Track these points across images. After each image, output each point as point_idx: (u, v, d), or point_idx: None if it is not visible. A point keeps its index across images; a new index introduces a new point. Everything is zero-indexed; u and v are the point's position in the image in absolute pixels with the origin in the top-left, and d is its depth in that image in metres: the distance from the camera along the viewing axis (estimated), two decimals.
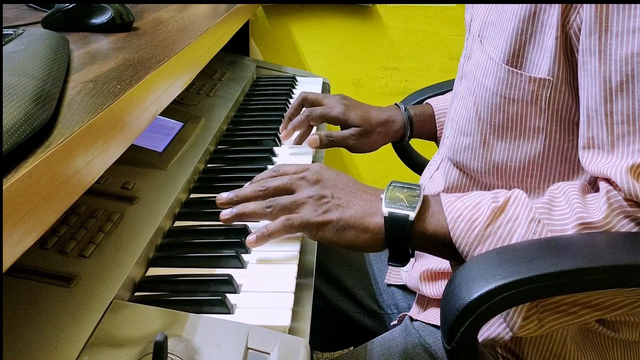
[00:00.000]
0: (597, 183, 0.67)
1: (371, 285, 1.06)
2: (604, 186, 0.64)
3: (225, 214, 0.74)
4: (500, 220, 0.66)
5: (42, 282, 0.60)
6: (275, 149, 1.06)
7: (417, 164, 1.23)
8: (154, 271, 0.70)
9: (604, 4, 0.62)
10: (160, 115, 0.88)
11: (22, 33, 0.76)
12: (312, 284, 0.72)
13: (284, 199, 0.73)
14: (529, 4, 0.70)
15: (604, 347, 0.75)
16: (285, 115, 1.09)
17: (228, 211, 0.74)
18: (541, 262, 0.58)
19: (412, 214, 0.68)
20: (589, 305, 0.63)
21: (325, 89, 1.50)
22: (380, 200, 0.71)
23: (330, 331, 1.09)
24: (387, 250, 0.71)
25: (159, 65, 0.73)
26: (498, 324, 0.74)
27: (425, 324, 0.87)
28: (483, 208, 0.67)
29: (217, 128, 1.09)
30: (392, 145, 1.20)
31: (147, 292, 0.67)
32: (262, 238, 0.71)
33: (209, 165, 1.00)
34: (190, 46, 0.88)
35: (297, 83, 1.50)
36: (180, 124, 1.04)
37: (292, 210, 0.72)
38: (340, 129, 1.05)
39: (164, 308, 0.60)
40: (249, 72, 1.48)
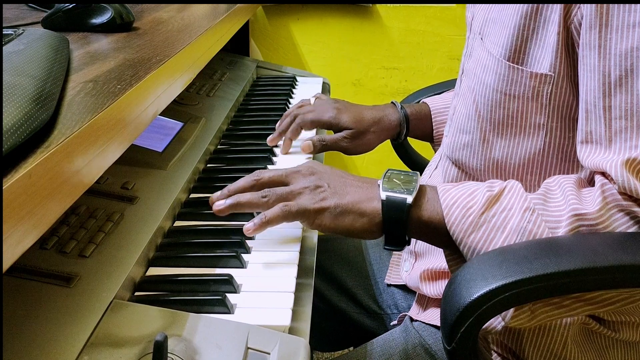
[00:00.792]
0: (593, 177, 0.67)
1: (371, 285, 1.06)
2: (599, 179, 0.64)
3: (219, 205, 0.73)
4: (495, 209, 0.66)
5: (42, 282, 0.60)
6: (275, 149, 1.06)
7: (417, 164, 1.23)
8: (154, 271, 0.70)
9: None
10: (160, 115, 0.88)
11: (22, 33, 0.76)
12: (312, 284, 0.72)
13: (280, 189, 0.72)
14: None
15: (604, 347, 0.75)
16: (275, 127, 1.06)
17: (222, 202, 0.73)
18: (542, 262, 0.58)
19: (409, 198, 0.69)
20: (581, 299, 0.63)
21: (325, 89, 1.50)
22: (377, 186, 0.72)
23: (330, 331, 1.09)
24: (384, 237, 0.71)
25: (159, 65, 0.73)
26: None
27: (426, 324, 0.87)
28: (478, 196, 0.67)
29: (217, 128, 1.09)
30: (392, 145, 1.20)
31: (147, 292, 0.67)
32: (261, 225, 0.70)
33: (209, 165, 1.00)
34: (190, 46, 0.88)
35: (297, 83, 1.49)
36: (180, 124, 1.04)
37: (289, 200, 0.72)
38: (334, 133, 1.05)
39: (164, 308, 0.60)
40: (249, 72, 1.47)
